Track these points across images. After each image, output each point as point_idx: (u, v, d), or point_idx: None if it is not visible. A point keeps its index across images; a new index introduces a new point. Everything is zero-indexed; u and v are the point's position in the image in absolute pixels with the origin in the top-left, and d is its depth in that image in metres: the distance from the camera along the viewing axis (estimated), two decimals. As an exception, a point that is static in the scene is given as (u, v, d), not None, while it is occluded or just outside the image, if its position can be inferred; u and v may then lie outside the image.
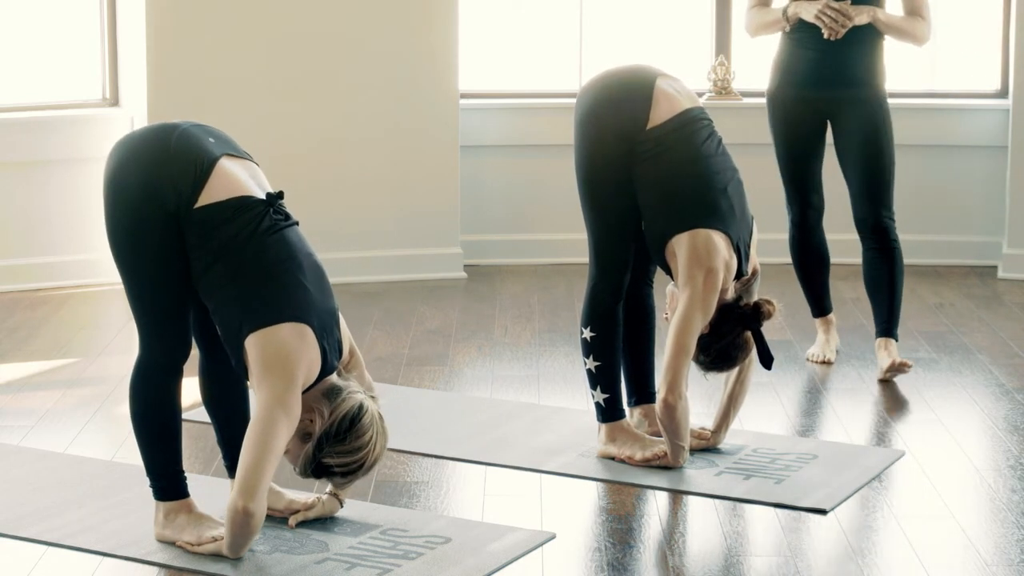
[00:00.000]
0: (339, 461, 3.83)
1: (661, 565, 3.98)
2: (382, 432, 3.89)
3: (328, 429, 3.81)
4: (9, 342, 6.11)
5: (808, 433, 5.06)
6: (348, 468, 3.84)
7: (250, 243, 3.86)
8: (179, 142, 3.92)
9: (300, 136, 7.12)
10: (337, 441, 3.82)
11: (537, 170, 7.60)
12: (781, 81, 5.76)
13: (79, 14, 7.13)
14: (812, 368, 5.78)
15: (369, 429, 3.84)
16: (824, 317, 5.94)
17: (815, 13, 5.57)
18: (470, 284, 7.22)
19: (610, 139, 4.62)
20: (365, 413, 3.84)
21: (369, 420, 3.84)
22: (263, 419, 3.76)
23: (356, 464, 3.85)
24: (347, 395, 3.85)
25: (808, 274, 5.92)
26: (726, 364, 4.65)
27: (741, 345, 4.61)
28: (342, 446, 3.82)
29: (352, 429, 3.82)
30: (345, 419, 3.82)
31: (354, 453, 3.83)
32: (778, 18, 5.73)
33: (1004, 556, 4.00)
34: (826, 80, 5.66)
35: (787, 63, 5.74)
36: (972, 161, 7.56)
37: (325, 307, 3.91)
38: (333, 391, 3.86)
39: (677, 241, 4.55)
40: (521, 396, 5.44)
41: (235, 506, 3.76)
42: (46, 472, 4.57)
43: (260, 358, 3.80)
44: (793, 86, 5.72)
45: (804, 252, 5.89)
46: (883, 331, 5.67)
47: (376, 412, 3.88)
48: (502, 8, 7.78)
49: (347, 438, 3.82)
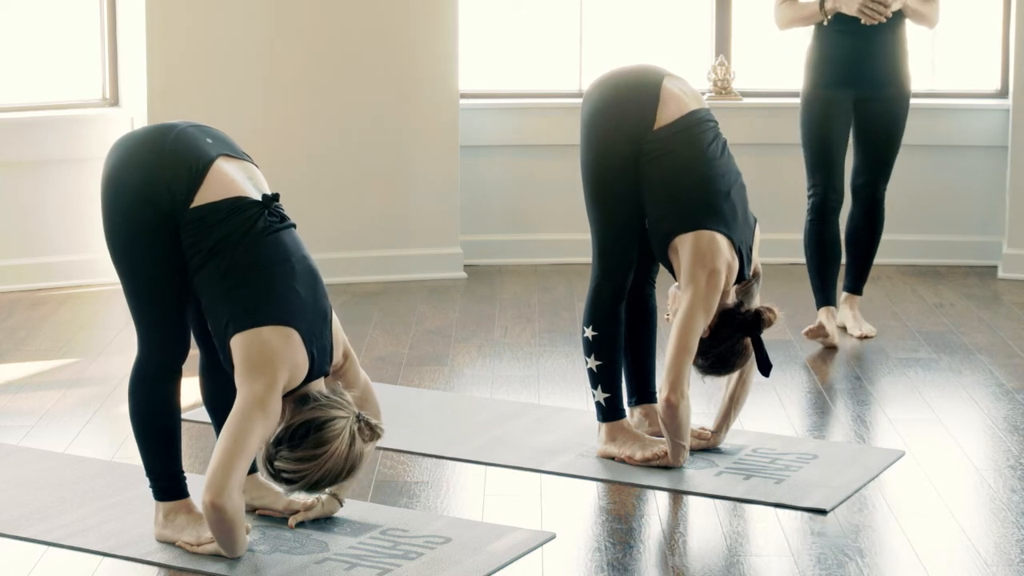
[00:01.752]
0: (286, 467, 3.77)
1: (661, 565, 3.98)
2: (345, 454, 3.77)
3: (282, 433, 3.79)
4: (9, 342, 6.11)
5: (808, 433, 5.06)
6: (294, 476, 3.78)
7: (242, 244, 3.86)
8: (176, 143, 3.92)
9: (300, 136, 7.12)
10: (290, 447, 3.77)
11: (537, 170, 7.60)
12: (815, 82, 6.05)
13: (79, 14, 7.13)
14: (812, 368, 5.78)
15: (329, 444, 3.75)
16: (827, 307, 6.09)
17: (857, 6, 5.86)
18: (470, 284, 7.22)
19: (617, 139, 4.62)
20: (331, 427, 3.76)
21: (333, 435, 3.76)
22: (239, 417, 3.76)
23: (302, 473, 3.77)
24: (318, 406, 3.79)
25: (820, 265, 6.13)
26: (724, 369, 4.65)
27: (740, 351, 4.61)
28: (293, 452, 3.76)
29: (309, 438, 3.76)
30: (303, 427, 3.77)
31: (304, 462, 3.76)
32: (814, 12, 5.99)
33: (1004, 556, 4.00)
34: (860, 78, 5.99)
35: (823, 61, 6.03)
36: (972, 161, 7.56)
37: (315, 312, 3.89)
38: (305, 399, 3.83)
39: (681, 241, 4.55)
40: (521, 396, 5.44)
41: (204, 502, 3.76)
42: (46, 472, 4.57)
43: (243, 358, 3.80)
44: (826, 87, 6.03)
45: (820, 242, 6.13)
46: (852, 287, 6.26)
47: (348, 432, 3.78)
48: (502, 8, 7.78)
49: (300, 445, 3.76)
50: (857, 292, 6.28)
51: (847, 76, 6.00)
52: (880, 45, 5.97)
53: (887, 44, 5.98)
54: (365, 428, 3.83)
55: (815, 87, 6.05)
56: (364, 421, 3.84)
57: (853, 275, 6.27)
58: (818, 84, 6.04)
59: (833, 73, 6.01)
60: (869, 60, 5.98)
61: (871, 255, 6.23)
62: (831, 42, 6.00)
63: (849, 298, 6.26)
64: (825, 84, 6.03)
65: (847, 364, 5.83)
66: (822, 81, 6.03)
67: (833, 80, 6.01)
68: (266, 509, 4.20)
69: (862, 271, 6.26)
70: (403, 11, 7.15)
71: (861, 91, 6.01)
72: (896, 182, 7.37)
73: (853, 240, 6.22)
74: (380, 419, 4.02)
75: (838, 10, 5.91)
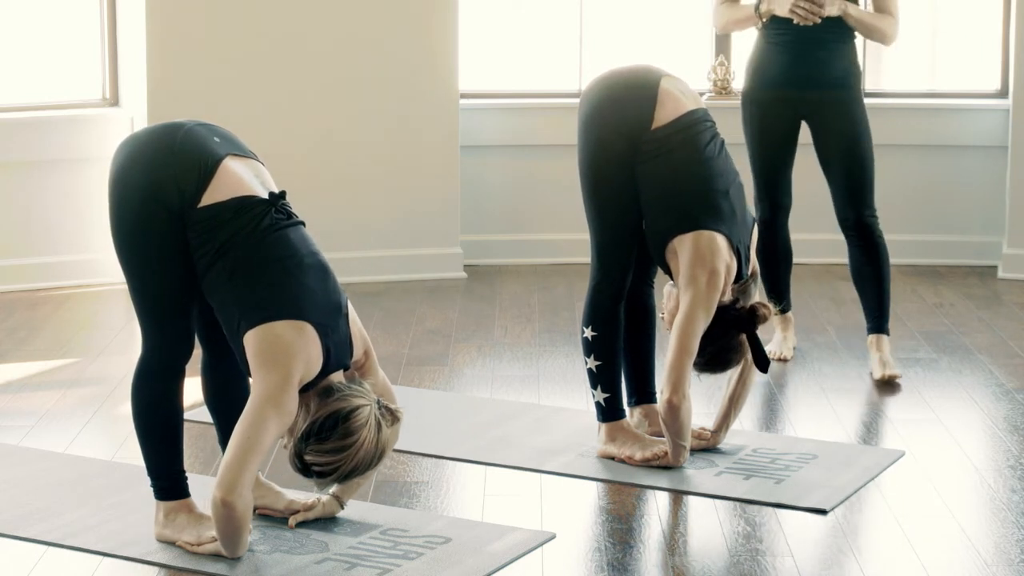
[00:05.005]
0: (317, 460, 3.78)
1: (661, 565, 3.98)
2: (375, 440, 3.80)
3: (309, 427, 3.79)
4: (9, 342, 6.11)
5: (808, 433, 5.06)
6: (326, 468, 3.80)
7: (249, 242, 3.86)
8: (184, 141, 3.92)
9: (300, 135, 7.12)
10: (319, 440, 3.78)
11: (537, 170, 7.60)
12: (756, 83, 5.75)
13: (79, 14, 7.13)
14: (812, 368, 5.78)
15: (357, 433, 3.77)
16: (784, 315, 5.93)
17: (789, 7, 5.55)
18: (470, 284, 7.22)
19: (614, 139, 4.62)
20: (356, 417, 3.78)
21: (360, 424, 3.78)
22: (252, 413, 3.76)
23: (334, 465, 3.79)
24: (341, 396, 3.81)
25: (772, 272, 5.90)
26: (721, 366, 4.65)
27: (735, 348, 4.61)
28: (322, 445, 3.77)
29: (337, 429, 3.77)
30: (330, 418, 3.77)
31: (335, 453, 3.77)
32: (750, 14, 5.72)
33: (1004, 556, 4.00)
34: (802, 80, 5.66)
35: (762, 63, 5.73)
36: (972, 161, 7.56)
37: (328, 305, 3.89)
38: (329, 391, 3.84)
39: (679, 242, 4.55)
40: (521, 396, 5.44)
41: (214, 498, 3.76)
42: (46, 472, 4.57)
43: (256, 353, 3.80)
44: (769, 87, 5.72)
45: (770, 251, 5.86)
46: (874, 327, 5.70)
47: (374, 419, 3.80)
48: (502, 8, 7.78)
49: (330, 437, 3.77)
50: (881, 331, 5.68)
51: (790, 78, 5.65)
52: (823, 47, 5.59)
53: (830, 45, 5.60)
54: (386, 413, 3.84)
55: (755, 87, 5.72)
56: (383, 406, 3.85)
57: (870, 315, 5.72)
58: (755, 86, 5.72)
59: (774, 73, 5.67)
60: (811, 65, 5.61)
61: (883, 292, 5.70)
62: (770, 46, 5.67)
63: (875, 340, 5.68)
64: (763, 85, 5.70)
65: (847, 364, 5.83)
66: (762, 81, 5.70)
67: (776, 80, 5.67)
68: (266, 509, 4.20)
69: (878, 310, 5.70)
70: (403, 11, 7.14)
71: (806, 91, 5.64)
72: (896, 182, 7.39)
73: (858, 280, 5.72)
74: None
75: (772, 12, 5.61)
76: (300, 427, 3.80)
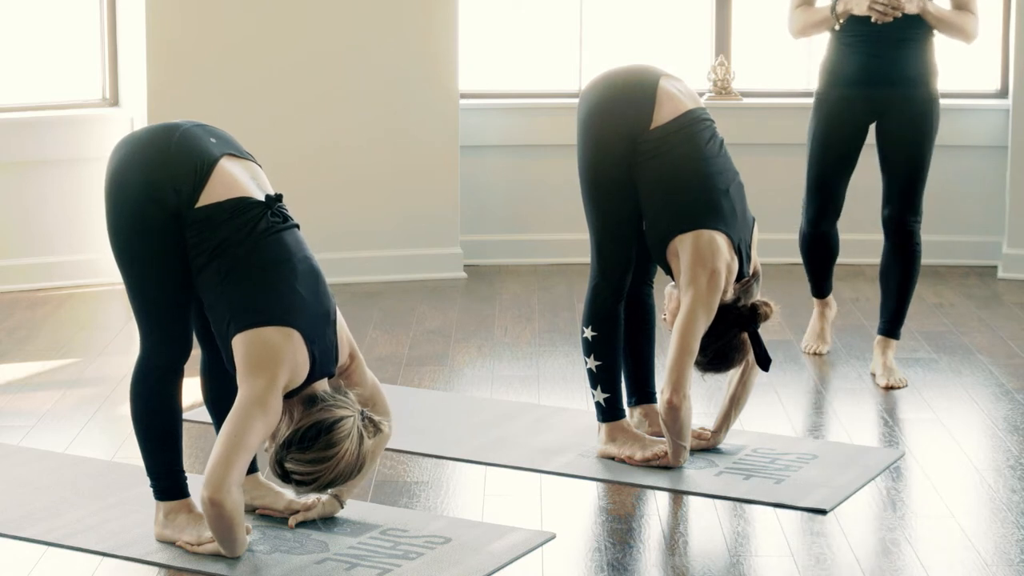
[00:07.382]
0: (298, 469, 3.79)
1: (661, 565, 3.98)
2: (356, 452, 3.80)
3: (291, 435, 3.79)
4: (9, 342, 6.11)
5: (808, 433, 5.06)
6: (306, 478, 3.80)
7: (244, 244, 3.86)
8: (180, 142, 3.92)
9: (300, 136, 7.12)
10: (300, 449, 3.78)
11: (537, 170, 7.60)
12: (829, 81, 5.63)
13: (79, 14, 7.13)
14: (812, 368, 5.78)
15: (339, 444, 3.77)
16: (823, 299, 5.92)
17: (868, 4, 5.43)
18: (470, 284, 7.22)
19: (613, 139, 4.62)
20: (339, 428, 3.78)
21: (342, 436, 3.77)
22: (239, 414, 3.76)
23: (314, 475, 3.79)
24: (326, 407, 3.80)
25: (815, 265, 5.88)
26: (723, 365, 4.65)
27: (738, 346, 4.61)
28: (303, 455, 3.78)
29: (319, 439, 3.77)
30: (312, 428, 3.77)
31: (315, 464, 3.78)
32: (826, 16, 5.59)
33: (1004, 556, 4.00)
34: (877, 78, 5.54)
35: (837, 63, 5.60)
36: (972, 161, 7.56)
37: (317, 312, 3.89)
38: (313, 399, 3.84)
39: (680, 241, 4.55)
40: (521, 396, 5.44)
41: (203, 498, 3.77)
42: (46, 472, 4.57)
43: (244, 357, 3.81)
44: (841, 86, 5.59)
45: (814, 248, 5.84)
46: (885, 330, 5.66)
47: (356, 431, 3.80)
48: (502, 8, 7.78)
49: (311, 447, 3.77)
50: (891, 335, 5.65)
51: (863, 77, 5.53)
52: (899, 45, 5.49)
53: (907, 43, 5.51)
54: (369, 425, 3.84)
55: (827, 87, 5.61)
56: (367, 418, 3.85)
57: (885, 316, 5.66)
58: (828, 85, 5.61)
59: (848, 72, 5.55)
60: (886, 63, 5.50)
61: (905, 295, 5.63)
62: (844, 47, 5.55)
63: (882, 342, 5.65)
64: (836, 83, 5.59)
65: (847, 364, 5.83)
66: (835, 80, 5.59)
67: (849, 79, 5.56)
68: (266, 509, 4.21)
69: (895, 313, 5.64)
70: (403, 11, 7.14)
71: (879, 90, 5.52)
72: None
73: (885, 279, 5.65)
74: (389, 419, 4.03)
75: (850, 12, 5.50)
76: (283, 433, 3.81)
